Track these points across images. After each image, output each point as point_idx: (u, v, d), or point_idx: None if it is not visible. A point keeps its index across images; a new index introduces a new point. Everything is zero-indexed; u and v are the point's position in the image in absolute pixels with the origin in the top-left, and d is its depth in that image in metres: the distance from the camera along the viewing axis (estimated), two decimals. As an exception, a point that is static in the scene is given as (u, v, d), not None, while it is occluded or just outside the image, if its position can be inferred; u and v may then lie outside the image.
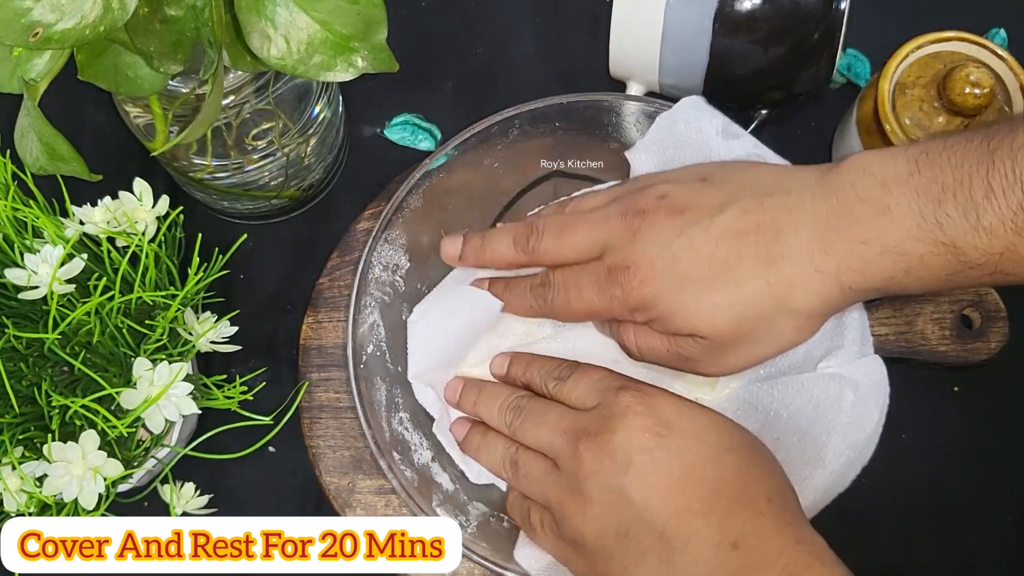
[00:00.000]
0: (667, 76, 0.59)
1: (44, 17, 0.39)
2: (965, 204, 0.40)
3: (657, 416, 0.45)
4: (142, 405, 0.46)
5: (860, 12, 0.59)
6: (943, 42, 0.57)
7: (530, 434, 0.48)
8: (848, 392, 0.49)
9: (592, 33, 0.66)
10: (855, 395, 0.49)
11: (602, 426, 0.45)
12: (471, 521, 0.52)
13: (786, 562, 0.41)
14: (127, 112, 0.53)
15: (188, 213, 0.53)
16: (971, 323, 0.56)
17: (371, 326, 0.55)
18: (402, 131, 0.65)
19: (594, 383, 0.48)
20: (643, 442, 0.44)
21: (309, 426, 0.58)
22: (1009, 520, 0.57)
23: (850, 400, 0.49)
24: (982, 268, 0.41)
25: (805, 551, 0.42)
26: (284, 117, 0.55)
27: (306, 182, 0.61)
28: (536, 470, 0.48)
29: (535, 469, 0.48)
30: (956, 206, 0.40)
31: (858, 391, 0.49)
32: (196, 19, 0.44)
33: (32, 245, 0.48)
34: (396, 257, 0.56)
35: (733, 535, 0.42)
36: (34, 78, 0.44)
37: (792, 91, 0.59)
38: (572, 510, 0.45)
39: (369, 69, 0.46)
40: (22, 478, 0.46)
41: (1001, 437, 0.59)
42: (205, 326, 0.51)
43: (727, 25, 0.56)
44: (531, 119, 0.56)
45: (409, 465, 0.53)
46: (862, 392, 0.49)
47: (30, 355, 0.48)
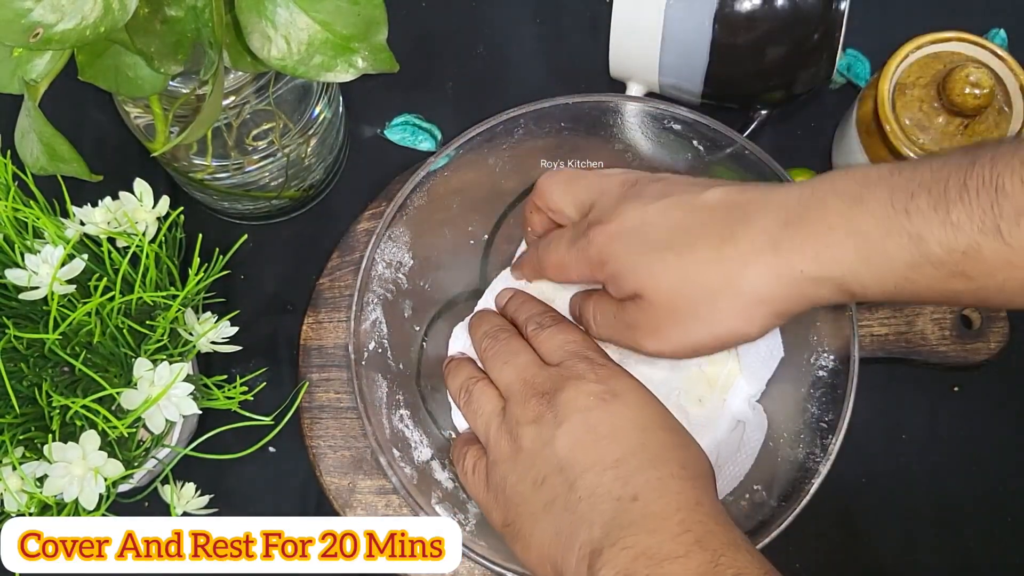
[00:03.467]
0: (667, 76, 0.59)
1: (44, 18, 0.39)
2: (937, 199, 0.40)
3: (607, 386, 0.47)
4: (143, 405, 0.46)
5: (860, 12, 0.59)
6: (943, 42, 0.57)
7: (496, 368, 0.50)
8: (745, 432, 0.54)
9: (592, 33, 0.66)
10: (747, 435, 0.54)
11: (555, 386, 0.47)
12: (470, 519, 0.52)
13: (682, 517, 0.42)
14: (127, 112, 0.54)
15: (188, 213, 0.53)
16: (971, 323, 0.56)
17: (373, 323, 0.55)
18: (402, 131, 0.65)
19: (563, 342, 0.50)
20: (584, 403, 0.46)
21: (309, 426, 0.58)
22: (1009, 520, 0.57)
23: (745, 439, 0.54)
24: (943, 267, 0.40)
25: (704, 512, 0.43)
26: (284, 117, 0.55)
27: (306, 182, 0.61)
28: (487, 406, 0.50)
29: (487, 405, 0.50)
30: (928, 199, 0.40)
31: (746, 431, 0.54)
32: (196, 20, 0.44)
33: (33, 245, 0.48)
34: (399, 255, 0.56)
35: (635, 490, 0.43)
36: (34, 79, 0.44)
37: (792, 91, 0.59)
38: (504, 454, 0.47)
39: (369, 69, 0.46)
40: (23, 478, 0.46)
41: (1001, 437, 0.59)
42: (205, 326, 0.51)
43: (727, 25, 0.56)
44: (536, 119, 0.56)
45: (409, 462, 0.53)
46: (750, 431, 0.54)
47: (31, 355, 0.48)
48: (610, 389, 0.47)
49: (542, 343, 0.51)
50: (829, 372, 0.52)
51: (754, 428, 0.53)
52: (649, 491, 0.43)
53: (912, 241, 0.40)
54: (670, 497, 0.43)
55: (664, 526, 0.42)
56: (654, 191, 0.48)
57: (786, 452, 0.52)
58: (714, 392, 0.54)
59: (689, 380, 0.54)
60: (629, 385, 0.48)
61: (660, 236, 0.46)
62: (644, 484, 0.44)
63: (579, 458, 0.45)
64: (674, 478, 0.44)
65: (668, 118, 0.55)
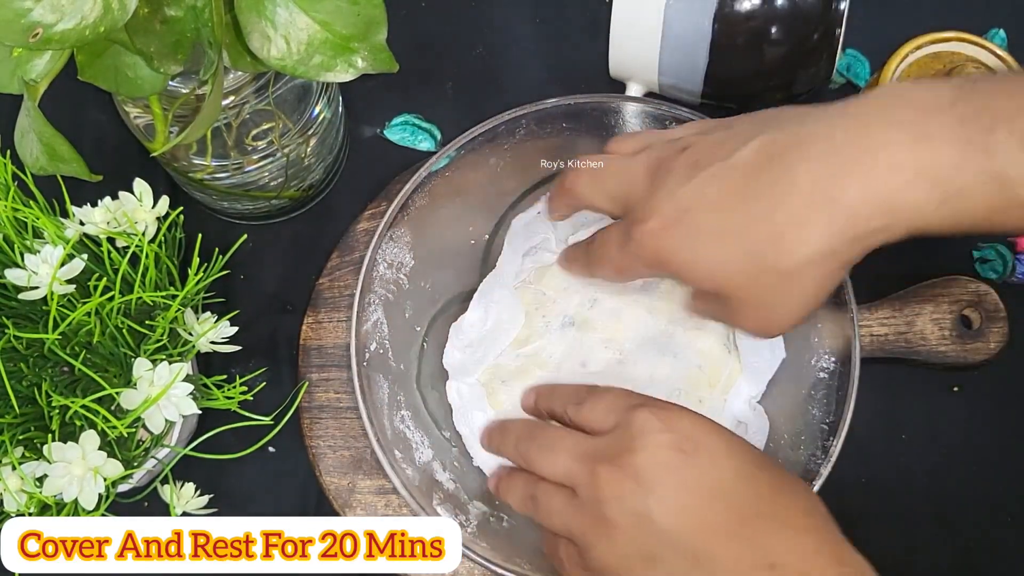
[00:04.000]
0: (667, 76, 0.59)
1: (44, 18, 0.39)
2: (1021, 135, 0.35)
3: (679, 432, 0.42)
4: (142, 405, 0.46)
5: (860, 12, 0.59)
6: (942, 42, 0.57)
7: (545, 463, 0.46)
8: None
9: (592, 33, 0.66)
10: (748, 436, 0.53)
11: (621, 447, 0.42)
12: (471, 520, 0.52)
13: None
14: (127, 112, 0.54)
15: (188, 213, 0.53)
16: (971, 323, 0.56)
17: (374, 324, 0.55)
18: (402, 131, 0.65)
19: (609, 404, 0.46)
20: (667, 460, 0.41)
21: (309, 426, 0.58)
22: (1009, 520, 0.57)
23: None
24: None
25: (848, 574, 0.40)
26: (284, 117, 0.55)
27: (306, 182, 0.61)
28: (556, 502, 0.45)
29: (555, 501, 0.45)
30: (1011, 132, 0.36)
31: (747, 432, 0.53)
32: (196, 19, 0.44)
33: (32, 245, 0.48)
34: (401, 255, 0.56)
35: (771, 556, 0.39)
36: (34, 79, 0.44)
37: (792, 91, 0.59)
38: (595, 539, 0.42)
39: (369, 69, 0.46)
40: (22, 478, 0.46)
41: (1001, 437, 0.59)
42: (205, 326, 0.51)
43: (727, 25, 0.56)
44: (538, 119, 0.56)
45: (410, 463, 0.53)
46: (751, 433, 0.53)
47: (30, 355, 0.48)
48: (685, 437, 0.42)
49: (586, 416, 0.46)
50: (830, 373, 0.52)
51: (755, 430, 0.53)
52: (785, 555, 0.39)
53: (995, 181, 0.36)
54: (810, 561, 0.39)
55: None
56: (682, 167, 0.43)
57: (787, 453, 0.52)
58: (714, 393, 0.54)
59: (690, 380, 0.54)
60: (698, 425, 0.43)
61: (707, 222, 0.42)
62: (777, 548, 0.40)
63: (691, 527, 0.40)
64: (803, 534, 0.40)
65: (668, 118, 0.55)
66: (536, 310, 0.56)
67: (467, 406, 0.55)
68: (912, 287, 0.57)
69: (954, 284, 0.56)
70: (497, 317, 0.56)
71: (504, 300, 0.57)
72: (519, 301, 0.56)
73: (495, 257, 0.59)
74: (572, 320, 0.55)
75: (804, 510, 0.41)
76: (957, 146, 0.37)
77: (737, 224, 0.41)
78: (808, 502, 0.42)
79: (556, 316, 0.55)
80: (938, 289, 0.56)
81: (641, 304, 0.55)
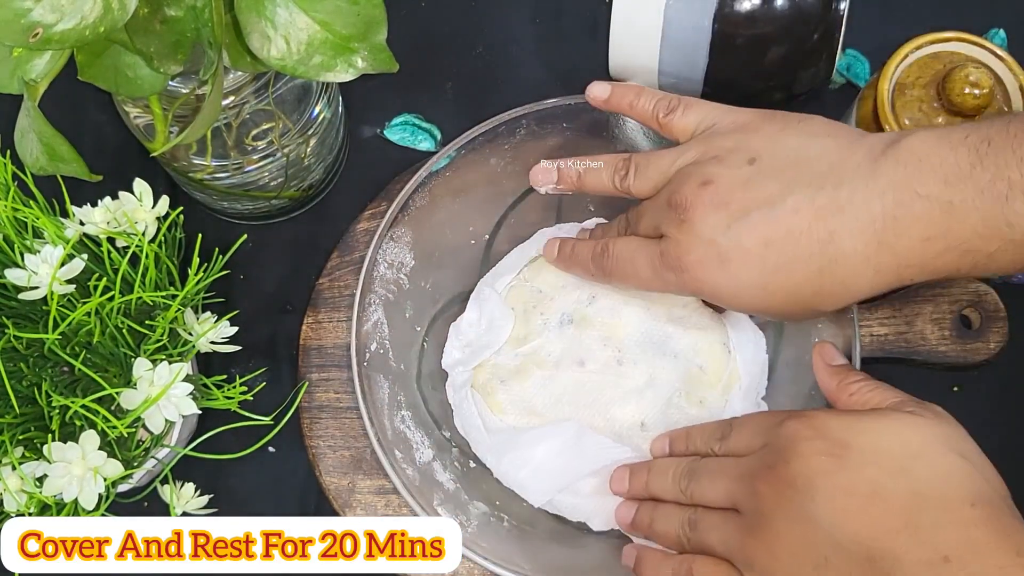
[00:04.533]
0: (667, 76, 0.59)
1: (44, 18, 0.39)
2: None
3: (827, 437, 0.42)
4: (142, 405, 0.46)
5: (860, 12, 0.59)
6: (942, 42, 0.57)
7: (708, 490, 0.46)
8: None
9: (592, 33, 0.66)
10: None
11: (775, 459, 0.43)
12: (471, 520, 0.52)
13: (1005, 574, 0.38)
14: (127, 112, 0.54)
15: (188, 213, 0.53)
16: (971, 323, 0.56)
17: (375, 324, 0.55)
18: (402, 131, 0.65)
19: (755, 427, 0.46)
20: (821, 465, 0.41)
21: (309, 426, 0.58)
22: (1009, 520, 0.57)
23: None
24: None
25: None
26: (284, 117, 0.55)
27: (306, 182, 0.61)
28: (717, 519, 0.45)
29: (716, 519, 0.45)
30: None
31: None
32: (196, 19, 0.44)
33: (32, 245, 0.48)
34: (401, 255, 0.56)
35: (942, 550, 0.39)
36: (34, 79, 0.44)
37: (792, 91, 0.59)
38: (759, 551, 0.42)
39: (369, 69, 0.46)
40: (22, 478, 0.46)
41: (1001, 437, 0.59)
42: (205, 326, 0.51)
43: (727, 25, 0.56)
44: (539, 119, 0.56)
45: (411, 463, 0.53)
46: None
47: (30, 355, 0.48)
48: (834, 440, 0.42)
49: (735, 443, 0.47)
50: (829, 372, 0.52)
51: None
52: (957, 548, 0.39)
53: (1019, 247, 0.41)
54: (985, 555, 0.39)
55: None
56: (711, 215, 0.46)
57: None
58: (715, 393, 0.54)
59: (691, 381, 0.54)
60: (846, 425, 0.43)
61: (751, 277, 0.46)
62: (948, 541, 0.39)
63: (857, 528, 0.40)
64: (974, 526, 0.39)
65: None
66: (534, 308, 0.56)
67: (463, 407, 0.55)
68: (912, 287, 0.57)
69: (954, 284, 0.56)
70: (490, 315, 0.56)
71: (491, 298, 0.57)
72: (502, 298, 0.56)
73: (495, 257, 0.59)
74: (571, 317, 0.55)
75: (969, 499, 0.40)
76: (980, 218, 0.41)
77: (780, 285, 0.45)
78: (971, 489, 0.41)
79: (554, 313, 0.55)
80: (938, 289, 0.56)
81: (640, 301, 0.55)
